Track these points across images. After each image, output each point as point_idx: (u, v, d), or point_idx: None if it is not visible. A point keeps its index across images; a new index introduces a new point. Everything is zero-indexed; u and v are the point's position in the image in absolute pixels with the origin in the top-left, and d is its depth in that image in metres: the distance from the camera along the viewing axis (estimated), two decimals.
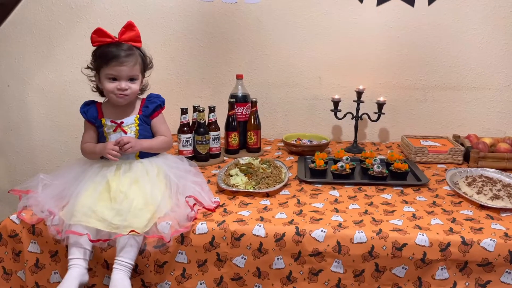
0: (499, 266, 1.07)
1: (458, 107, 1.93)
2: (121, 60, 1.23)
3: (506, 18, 1.81)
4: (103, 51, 1.24)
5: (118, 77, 1.25)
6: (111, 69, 1.24)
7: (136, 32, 1.28)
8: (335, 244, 1.11)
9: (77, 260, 1.12)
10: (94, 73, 1.30)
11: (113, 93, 1.26)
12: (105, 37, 1.25)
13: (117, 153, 1.23)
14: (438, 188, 1.40)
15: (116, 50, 1.24)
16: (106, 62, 1.23)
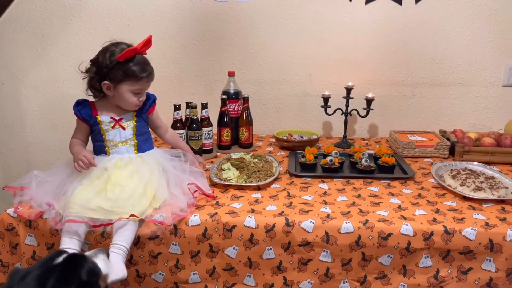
0: (480, 254, 1.12)
1: (445, 103, 1.98)
2: (150, 77, 1.30)
3: (491, 16, 1.86)
4: (133, 70, 1.25)
5: (142, 91, 1.31)
6: (137, 84, 1.28)
7: (150, 45, 1.32)
8: (324, 235, 1.15)
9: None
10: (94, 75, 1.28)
11: (135, 105, 1.31)
12: (129, 52, 1.25)
13: (84, 165, 1.23)
14: (423, 181, 1.45)
15: (142, 70, 1.26)
16: (134, 79, 1.26)
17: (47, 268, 0.86)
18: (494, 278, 1.12)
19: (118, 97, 1.29)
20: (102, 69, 1.26)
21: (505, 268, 1.11)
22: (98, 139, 1.34)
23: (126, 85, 1.27)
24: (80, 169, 1.24)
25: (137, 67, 1.26)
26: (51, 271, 0.86)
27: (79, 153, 1.27)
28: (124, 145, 1.33)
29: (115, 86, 1.27)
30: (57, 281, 0.83)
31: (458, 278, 1.13)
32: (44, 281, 0.83)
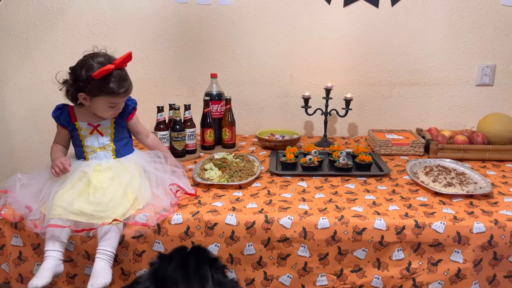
0: (448, 246, 1.18)
1: (421, 102, 2.05)
2: (126, 93, 1.31)
3: (464, 18, 1.93)
4: (111, 87, 1.25)
5: (118, 103, 1.32)
6: (115, 99, 1.29)
7: (130, 59, 1.30)
8: (301, 230, 1.20)
9: (52, 252, 1.18)
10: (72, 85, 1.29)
11: (109, 115, 1.33)
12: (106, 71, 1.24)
13: (59, 171, 1.26)
14: (398, 178, 1.51)
15: (119, 86, 1.26)
16: (112, 95, 1.27)
17: (182, 254, 0.98)
18: (462, 269, 1.18)
19: (94, 108, 1.31)
20: (79, 82, 1.27)
21: (472, 259, 1.17)
22: (77, 145, 1.37)
23: (102, 99, 1.28)
24: (56, 175, 1.28)
25: (114, 84, 1.26)
26: (187, 255, 0.98)
27: (55, 159, 1.30)
28: (102, 151, 1.36)
29: (91, 99, 1.29)
30: (195, 261, 0.96)
31: (428, 270, 1.19)
32: (185, 263, 0.95)
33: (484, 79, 2.00)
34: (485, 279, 1.20)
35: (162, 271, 0.94)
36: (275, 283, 1.23)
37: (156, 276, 0.94)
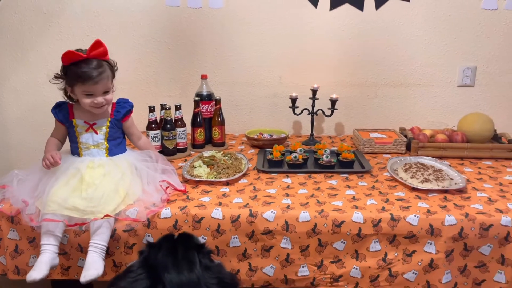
0: (422, 238, 1.25)
1: (405, 103, 2.12)
2: (95, 80, 1.32)
3: (446, 21, 2.01)
4: (77, 72, 1.31)
5: (94, 93, 1.35)
6: (87, 88, 1.33)
7: (103, 49, 1.35)
8: (284, 223, 1.27)
9: (48, 245, 1.24)
10: (63, 83, 1.37)
11: (90, 106, 1.37)
12: (75, 55, 1.31)
13: (50, 164, 1.33)
14: (379, 174, 1.58)
15: (89, 71, 1.31)
16: (81, 82, 1.32)
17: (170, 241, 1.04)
18: (435, 259, 1.25)
19: (78, 99, 1.38)
20: (61, 74, 1.36)
21: (444, 249, 1.24)
22: (73, 141, 1.44)
23: (78, 88, 1.34)
24: (46, 167, 1.35)
25: (82, 71, 1.31)
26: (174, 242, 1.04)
27: (47, 152, 1.38)
28: (95, 148, 1.43)
29: (72, 90, 1.36)
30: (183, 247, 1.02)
31: (403, 260, 1.26)
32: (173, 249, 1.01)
33: (465, 80, 2.07)
34: (456, 269, 1.27)
35: (152, 259, 1.00)
36: (259, 274, 1.30)
37: (147, 263, 1.00)
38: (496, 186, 1.47)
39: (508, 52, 2.03)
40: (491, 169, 1.64)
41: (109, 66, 1.38)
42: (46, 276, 1.19)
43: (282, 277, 1.30)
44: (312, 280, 1.30)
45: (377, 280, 1.28)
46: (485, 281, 1.27)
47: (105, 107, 1.41)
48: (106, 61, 1.37)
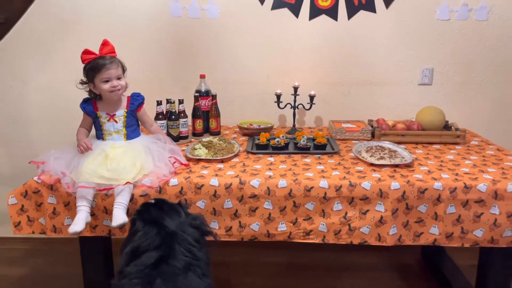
0: (373, 199, 1.60)
1: (374, 99, 2.48)
2: (108, 66, 1.70)
3: (408, 29, 2.37)
4: (93, 64, 1.70)
5: (110, 78, 1.71)
6: (103, 74, 1.70)
7: (111, 46, 1.75)
8: (266, 189, 1.62)
9: (82, 206, 1.59)
10: (88, 83, 1.75)
11: (109, 91, 1.72)
12: (91, 54, 1.71)
13: (84, 149, 1.69)
14: (345, 155, 1.94)
15: (102, 61, 1.70)
16: (98, 71, 1.69)
17: (152, 204, 1.38)
18: (383, 216, 1.60)
19: (100, 91, 1.73)
20: (84, 76, 1.74)
21: (390, 208, 1.59)
22: (98, 128, 1.79)
23: (97, 79, 1.70)
24: (81, 152, 1.70)
25: (96, 62, 1.70)
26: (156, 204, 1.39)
27: (80, 140, 1.73)
28: (116, 134, 1.78)
29: (94, 85, 1.73)
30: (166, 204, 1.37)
31: (359, 217, 1.61)
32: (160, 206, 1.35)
33: (424, 80, 2.44)
34: (400, 224, 1.62)
35: (147, 217, 1.32)
36: (247, 230, 1.65)
37: (145, 219, 1.33)
38: (438, 162, 1.83)
39: (459, 56, 2.40)
40: (438, 151, 2.00)
41: (118, 59, 1.75)
42: (83, 229, 1.54)
43: (265, 232, 1.65)
44: (289, 234, 1.65)
45: (339, 233, 1.63)
46: (423, 233, 1.63)
47: (121, 92, 1.76)
48: (115, 57, 1.75)
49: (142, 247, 1.23)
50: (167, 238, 1.26)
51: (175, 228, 1.29)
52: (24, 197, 1.68)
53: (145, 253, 1.22)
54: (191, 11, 2.38)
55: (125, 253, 1.28)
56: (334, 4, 2.36)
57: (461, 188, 1.59)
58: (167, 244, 1.25)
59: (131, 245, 1.29)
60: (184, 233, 1.29)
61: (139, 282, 1.17)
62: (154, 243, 1.24)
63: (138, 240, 1.29)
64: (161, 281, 1.15)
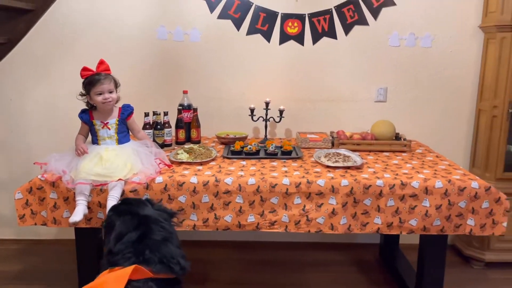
0: (327, 194, 1.91)
1: (336, 113, 2.83)
2: (101, 81, 2.01)
3: (365, 54, 2.75)
4: (90, 79, 2.01)
5: (102, 91, 2.01)
6: (97, 88, 2.00)
7: (106, 65, 2.06)
8: (238, 186, 1.92)
9: (81, 200, 1.86)
10: (85, 96, 2.05)
11: (101, 102, 2.02)
12: (89, 71, 2.02)
13: (81, 152, 1.98)
14: (307, 160, 2.26)
15: (98, 77, 2.01)
16: (93, 85, 2.00)
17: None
18: (335, 208, 1.91)
19: (95, 103, 2.03)
20: (82, 89, 2.05)
21: (341, 202, 1.91)
22: (93, 134, 2.08)
23: (92, 92, 2.01)
24: (78, 155, 1.98)
25: (92, 78, 2.01)
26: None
27: (78, 145, 2.01)
28: (109, 139, 2.07)
29: (90, 96, 2.03)
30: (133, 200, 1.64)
31: (315, 210, 1.92)
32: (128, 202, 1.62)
33: (380, 97, 2.80)
34: (350, 215, 1.94)
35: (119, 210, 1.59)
36: (221, 221, 1.94)
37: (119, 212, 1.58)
38: (383, 165, 2.17)
39: (409, 77, 2.78)
40: (387, 157, 2.34)
41: (111, 76, 2.06)
42: (81, 219, 1.81)
43: (237, 223, 1.94)
44: (257, 225, 1.94)
45: (299, 223, 1.93)
46: (369, 223, 1.95)
47: (112, 103, 2.05)
48: (109, 74, 2.06)
49: (123, 231, 1.49)
50: (142, 220, 1.53)
51: (146, 212, 1.57)
52: (29, 193, 1.94)
53: (126, 235, 1.49)
54: (176, 35, 2.72)
55: (109, 240, 1.52)
56: (300, 31, 2.72)
57: (398, 185, 1.92)
58: (144, 224, 1.52)
59: (114, 233, 1.52)
60: (155, 215, 1.57)
61: (132, 255, 1.44)
62: (132, 226, 1.50)
63: (118, 227, 1.53)
64: (149, 251, 1.43)
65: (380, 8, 2.70)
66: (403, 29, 2.73)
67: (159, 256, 1.43)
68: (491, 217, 1.93)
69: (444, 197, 1.91)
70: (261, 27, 2.72)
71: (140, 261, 1.41)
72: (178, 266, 1.45)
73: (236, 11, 2.70)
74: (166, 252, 1.44)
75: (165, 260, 1.43)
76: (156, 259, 1.43)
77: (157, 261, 1.42)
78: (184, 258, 1.52)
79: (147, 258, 1.42)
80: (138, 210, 1.57)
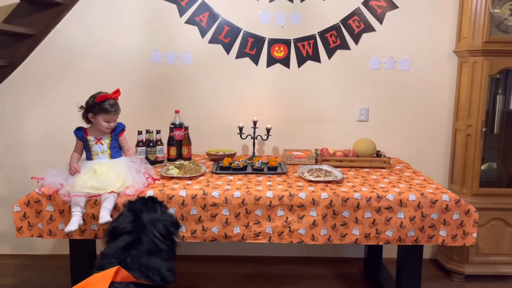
0: (308, 206, 2.04)
1: (321, 132, 2.97)
2: (113, 112, 2.16)
3: (348, 75, 2.92)
4: (104, 106, 2.14)
5: (110, 120, 2.17)
6: (107, 117, 2.15)
7: (119, 93, 2.21)
8: (224, 199, 2.04)
9: (76, 212, 1.97)
10: (88, 111, 2.17)
11: (106, 128, 2.17)
12: (106, 97, 2.15)
13: (74, 172, 2.10)
14: (291, 175, 2.39)
15: (110, 108, 2.15)
16: (106, 112, 2.14)
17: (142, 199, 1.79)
18: (316, 220, 2.03)
19: (97, 124, 2.17)
20: (88, 106, 2.16)
21: (321, 214, 2.03)
22: (87, 150, 2.21)
23: (101, 116, 2.14)
24: (72, 174, 2.10)
25: (108, 106, 2.14)
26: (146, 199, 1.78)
27: (71, 165, 2.14)
28: (102, 154, 2.19)
29: (95, 117, 2.16)
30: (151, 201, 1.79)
31: (297, 221, 2.04)
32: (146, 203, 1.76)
33: (362, 117, 2.96)
34: (329, 226, 2.05)
35: (133, 207, 1.74)
36: (208, 232, 2.05)
37: (131, 207, 1.74)
38: (362, 180, 2.30)
39: (389, 98, 2.95)
40: (366, 173, 2.48)
41: (119, 108, 2.20)
42: (77, 229, 1.92)
43: (224, 234, 2.05)
44: (242, 236, 2.06)
45: (282, 234, 2.05)
46: (347, 234, 2.06)
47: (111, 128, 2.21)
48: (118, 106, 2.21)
49: (120, 228, 1.64)
50: (138, 227, 1.66)
51: (146, 222, 1.69)
52: (26, 206, 2.05)
53: (121, 236, 1.62)
54: (169, 58, 2.88)
55: (107, 229, 1.70)
56: (286, 55, 2.90)
57: (375, 197, 2.05)
58: (137, 233, 1.65)
59: (112, 224, 1.72)
60: (153, 228, 1.69)
61: (115, 261, 1.56)
62: (127, 228, 1.64)
63: (117, 221, 1.70)
64: (130, 260, 1.55)
65: (361, 34, 2.89)
66: (383, 53, 2.91)
67: (138, 265, 1.55)
68: (462, 228, 2.05)
69: (417, 209, 2.04)
70: (249, 51, 2.89)
71: (122, 267, 1.52)
72: (158, 277, 1.57)
73: (226, 36, 2.87)
74: (146, 263, 1.56)
75: (144, 269, 1.56)
76: (136, 266, 1.55)
77: (136, 268, 1.55)
78: (171, 270, 1.63)
79: (128, 265, 1.55)
80: (143, 215, 1.69)
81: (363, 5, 2.85)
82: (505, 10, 2.62)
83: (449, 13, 2.85)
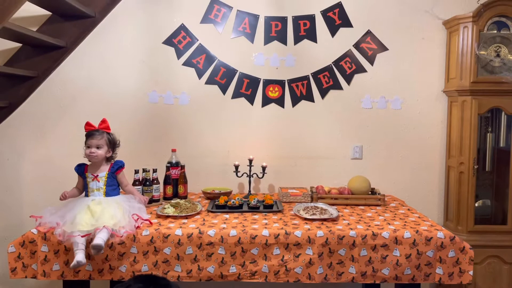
0: (304, 245, 2.04)
1: (316, 170, 3.01)
2: (92, 136, 2.22)
3: (339, 115, 2.98)
4: (87, 133, 2.23)
5: (90, 145, 2.21)
6: (88, 141, 2.21)
7: (106, 124, 2.28)
8: (220, 237, 2.04)
9: (79, 250, 1.96)
10: None
11: (87, 155, 2.21)
12: (90, 126, 2.23)
13: (62, 197, 2.18)
14: (287, 213, 2.40)
15: (92, 132, 2.23)
16: (86, 138, 2.22)
17: None
18: (312, 258, 2.03)
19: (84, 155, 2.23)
20: None
21: (317, 252, 2.03)
22: (85, 187, 2.24)
23: (85, 144, 2.22)
24: (60, 200, 2.18)
25: (88, 132, 2.24)
26: None
27: (64, 192, 2.20)
28: (97, 191, 2.21)
29: None
30: None
31: (294, 260, 2.04)
32: None
33: (356, 155, 3.01)
34: (326, 265, 2.05)
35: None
36: (204, 272, 2.04)
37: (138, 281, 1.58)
38: (358, 217, 2.31)
39: (382, 136, 3.01)
40: (361, 210, 2.49)
41: (107, 135, 2.25)
42: (85, 261, 1.91)
43: (219, 273, 2.04)
44: (238, 275, 2.04)
45: (278, 273, 2.04)
46: (344, 273, 2.05)
47: (97, 158, 2.22)
48: (108, 132, 2.25)
49: None
50: None
51: None
52: (21, 246, 2.04)
53: None
54: (167, 98, 2.95)
55: None
56: (281, 95, 2.98)
57: (370, 235, 2.06)
58: None
59: None
60: None
61: None
62: None
63: None
64: None
65: (353, 75, 2.99)
66: (375, 93, 2.99)
67: None
68: (458, 265, 2.05)
69: (412, 246, 2.04)
70: (245, 92, 2.97)
71: None
72: None
73: (222, 77, 2.96)
74: None
75: None
76: None
77: None
78: None
79: None
80: None
81: (355, 47, 2.97)
82: (491, 52, 2.73)
83: (437, 54, 2.97)
